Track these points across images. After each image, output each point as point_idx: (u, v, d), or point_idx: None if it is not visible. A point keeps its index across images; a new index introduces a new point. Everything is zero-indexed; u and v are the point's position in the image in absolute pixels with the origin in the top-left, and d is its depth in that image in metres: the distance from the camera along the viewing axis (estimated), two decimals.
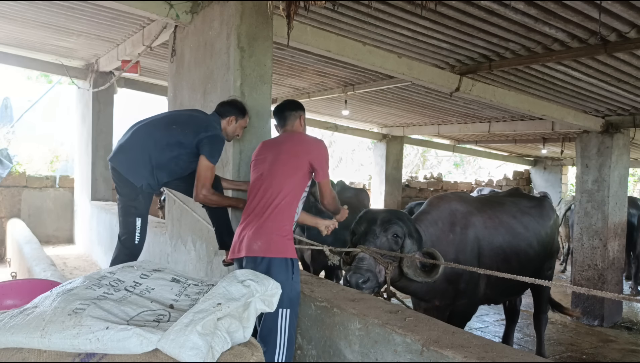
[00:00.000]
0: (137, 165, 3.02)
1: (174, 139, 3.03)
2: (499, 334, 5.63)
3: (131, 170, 3.03)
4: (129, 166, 3.04)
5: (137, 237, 3.10)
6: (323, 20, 4.09)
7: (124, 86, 8.18)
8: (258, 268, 2.53)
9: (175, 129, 3.06)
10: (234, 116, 3.20)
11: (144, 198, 3.10)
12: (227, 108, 3.22)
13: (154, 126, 3.14)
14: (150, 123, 3.18)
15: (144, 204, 3.12)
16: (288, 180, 2.71)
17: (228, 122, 3.20)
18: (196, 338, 1.62)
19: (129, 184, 3.04)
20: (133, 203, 3.08)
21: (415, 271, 3.36)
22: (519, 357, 1.91)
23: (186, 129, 3.05)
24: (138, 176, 3.02)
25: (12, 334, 1.68)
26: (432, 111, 8.29)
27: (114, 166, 3.06)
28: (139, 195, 3.07)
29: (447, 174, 18.93)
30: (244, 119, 3.26)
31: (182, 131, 3.05)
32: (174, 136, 3.04)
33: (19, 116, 14.22)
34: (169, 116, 3.32)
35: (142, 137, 3.08)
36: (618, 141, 6.91)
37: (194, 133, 3.02)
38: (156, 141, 3.04)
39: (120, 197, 3.13)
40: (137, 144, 3.06)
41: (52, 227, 9.26)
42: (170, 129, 3.07)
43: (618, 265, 7.09)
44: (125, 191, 3.09)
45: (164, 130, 3.08)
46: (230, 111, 3.21)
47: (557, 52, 4.21)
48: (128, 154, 3.06)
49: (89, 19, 5.30)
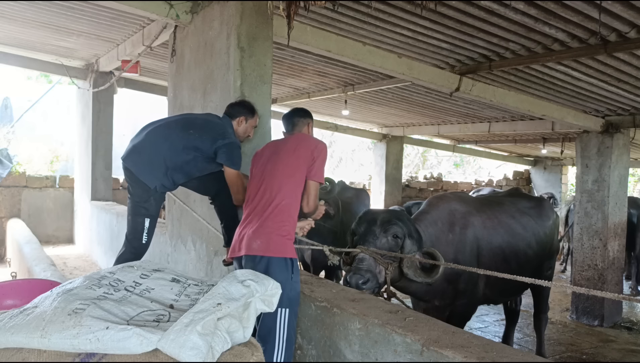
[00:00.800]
0: (151, 166, 3.02)
1: (190, 143, 3.03)
2: (499, 334, 5.63)
3: (145, 171, 3.02)
4: (143, 167, 3.03)
5: (145, 237, 3.11)
6: (323, 20, 4.09)
7: (124, 86, 8.18)
8: (257, 267, 2.53)
9: (192, 134, 3.06)
10: (244, 116, 3.21)
11: (155, 200, 3.10)
12: (236, 109, 3.23)
13: (170, 128, 3.14)
14: (165, 125, 3.18)
15: (155, 206, 3.13)
16: (288, 180, 2.70)
17: (238, 123, 3.20)
18: (196, 338, 1.62)
19: (142, 185, 3.03)
20: (144, 204, 3.08)
21: (415, 271, 3.35)
22: (519, 357, 1.91)
23: (203, 135, 3.05)
24: (151, 178, 3.01)
25: (12, 334, 1.68)
26: (432, 111, 8.29)
27: (128, 166, 3.05)
28: (150, 196, 3.07)
29: (447, 174, 18.92)
30: (253, 119, 3.27)
31: (200, 136, 3.05)
32: (191, 140, 3.04)
33: (19, 116, 14.21)
34: (185, 120, 3.30)
35: (156, 139, 3.07)
36: (618, 141, 6.91)
37: (211, 140, 3.02)
38: (171, 143, 3.03)
39: (132, 197, 3.12)
40: (151, 145, 3.05)
41: (52, 227, 9.27)
42: (187, 133, 3.07)
43: (618, 265, 7.09)
44: (137, 192, 3.08)
45: (180, 133, 3.07)
46: (240, 112, 3.21)
47: (557, 52, 4.22)
48: (142, 155, 3.05)
49: (89, 19, 5.30)
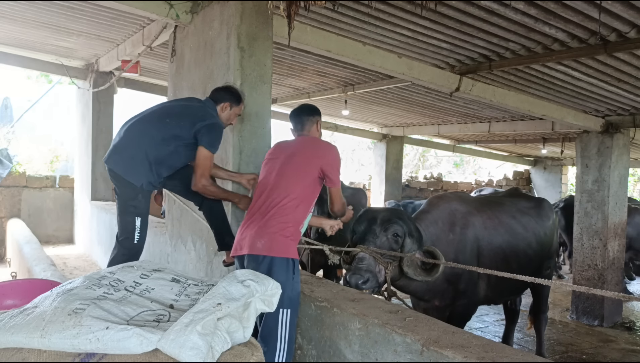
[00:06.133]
0: (135, 164, 2.94)
1: (169, 133, 2.94)
2: (499, 334, 5.62)
3: (129, 170, 2.94)
4: (126, 166, 2.95)
5: (137, 237, 3.02)
6: (323, 20, 4.08)
7: (124, 86, 8.18)
8: (260, 266, 2.53)
9: (169, 123, 2.97)
10: (228, 103, 3.11)
11: (143, 197, 3.03)
12: (221, 94, 3.14)
13: (147, 122, 3.04)
14: (142, 119, 3.07)
15: (144, 204, 3.05)
16: (297, 183, 2.69)
17: (222, 108, 3.10)
18: (196, 338, 1.62)
19: (128, 184, 2.96)
20: (132, 203, 3.00)
21: (415, 270, 3.35)
22: (519, 357, 1.91)
23: (181, 121, 2.96)
24: (137, 175, 2.94)
25: (12, 334, 1.68)
26: (432, 111, 8.29)
27: (111, 167, 2.98)
28: (138, 194, 2.99)
29: (447, 174, 18.92)
30: (238, 107, 3.17)
31: (178, 123, 2.96)
32: (169, 129, 2.95)
33: (19, 116, 14.22)
34: (161, 109, 3.18)
35: (136, 135, 2.99)
36: (618, 141, 6.91)
37: (190, 124, 2.93)
38: (151, 137, 2.94)
39: (119, 197, 3.05)
40: (131, 142, 2.97)
41: (52, 227, 9.26)
42: (164, 123, 2.98)
43: (618, 265, 7.08)
44: (124, 191, 3.01)
45: (157, 124, 2.99)
46: (224, 97, 3.12)
47: (557, 52, 4.22)
48: (123, 154, 2.97)
49: (89, 19, 5.30)
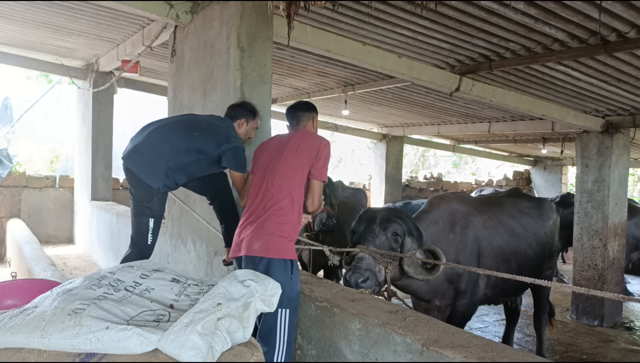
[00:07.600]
0: (153, 167, 2.98)
1: (194, 145, 3.01)
2: (499, 334, 5.63)
3: (147, 172, 2.99)
4: (145, 167, 2.99)
5: (150, 238, 3.06)
6: (323, 20, 4.09)
7: (124, 86, 8.18)
8: (257, 268, 2.53)
9: (196, 136, 3.03)
10: (245, 119, 3.19)
11: (158, 199, 3.07)
12: (237, 111, 3.21)
13: (172, 129, 3.11)
14: (167, 126, 3.15)
15: (159, 206, 3.09)
16: (290, 181, 2.68)
17: (239, 125, 3.18)
18: (196, 338, 1.62)
19: (144, 185, 3.00)
20: (147, 204, 3.04)
21: (416, 269, 3.35)
22: (519, 357, 1.91)
23: (207, 138, 3.03)
24: (154, 178, 2.98)
25: (12, 334, 1.68)
26: (432, 111, 8.29)
27: (129, 166, 3.02)
28: (154, 196, 3.03)
29: (447, 174, 18.93)
30: (254, 121, 3.25)
31: (204, 139, 3.02)
32: (195, 142, 3.01)
33: (19, 116, 14.23)
34: (187, 121, 3.27)
35: (158, 139, 3.04)
36: (618, 141, 6.92)
37: (215, 143, 3.01)
38: (173, 144, 3.00)
39: (134, 198, 3.09)
40: (153, 146, 3.02)
41: (52, 227, 9.27)
42: (191, 135, 3.04)
43: (618, 265, 7.09)
44: (139, 192, 3.05)
45: (183, 134, 3.04)
46: (240, 114, 3.20)
47: (557, 52, 4.22)
48: (143, 155, 3.01)
49: (89, 19, 5.30)
